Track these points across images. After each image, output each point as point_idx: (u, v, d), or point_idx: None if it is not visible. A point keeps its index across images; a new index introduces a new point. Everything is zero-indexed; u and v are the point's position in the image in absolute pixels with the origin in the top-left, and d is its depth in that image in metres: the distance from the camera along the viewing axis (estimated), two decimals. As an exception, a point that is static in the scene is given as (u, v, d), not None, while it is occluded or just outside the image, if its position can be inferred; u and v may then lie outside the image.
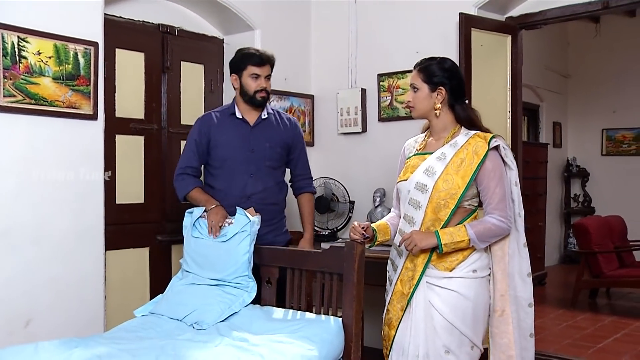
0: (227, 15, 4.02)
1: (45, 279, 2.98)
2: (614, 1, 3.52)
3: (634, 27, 7.53)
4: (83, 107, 3.12)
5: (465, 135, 2.36)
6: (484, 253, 2.34)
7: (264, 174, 3.04)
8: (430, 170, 2.32)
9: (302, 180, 3.25)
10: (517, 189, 2.37)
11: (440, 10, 3.92)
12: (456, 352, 2.26)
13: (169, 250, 3.81)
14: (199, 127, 3.06)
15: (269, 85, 3.05)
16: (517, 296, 2.35)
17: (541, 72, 7.52)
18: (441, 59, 2.42)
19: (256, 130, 3.06)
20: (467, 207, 2.34)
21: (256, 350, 2.25)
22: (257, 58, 3.00)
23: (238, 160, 3.00)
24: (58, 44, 3.01)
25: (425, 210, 2.30)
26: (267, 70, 3.03)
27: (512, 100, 3.93)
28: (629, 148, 7.98)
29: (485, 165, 2.28)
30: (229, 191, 2.99)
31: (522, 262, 2.36)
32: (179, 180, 3.05)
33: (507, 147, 2.38)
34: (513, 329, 2.34)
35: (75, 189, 3.10)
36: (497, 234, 2.29)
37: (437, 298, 2.28)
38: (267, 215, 3.01)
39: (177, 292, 2.82)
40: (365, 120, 4.30)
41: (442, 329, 2.26)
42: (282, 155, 3.13)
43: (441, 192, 2.28)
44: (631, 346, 4.36)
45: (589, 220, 6.10)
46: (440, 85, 2.37)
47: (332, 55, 4.47)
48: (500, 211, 2.28)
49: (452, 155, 2.31)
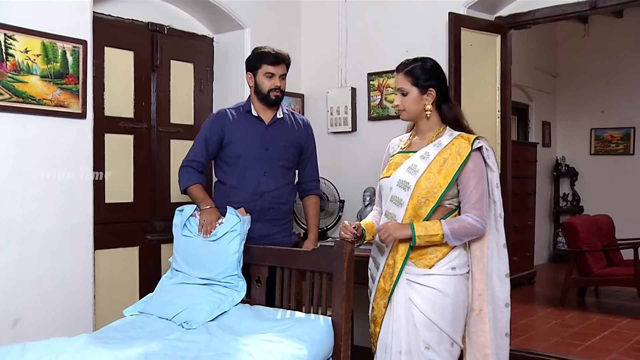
0: (217, 13, 4.01)
1: (33, 279, 2.96)
2: (602, 2, 3.54)
3: (621, 28, 7.59)
4: (72, 106, 3.10)
5: (450, 135, 2.39)
6: (462, 251, 2.37)
7: (278, 173, 3.04)
8: (413, 168, 2.35)
9: (310, 182, 3.24)
10: (498, 191, 2.40)
11: (429, 10, 3.93)
12: (436, 349, 2.29)
13: (159, 249, 3.80)
14: (212, 124, 3.05)
15: (283, 84, 3.04)
16: (494, 296, 2.38)
17: (530, 72, 7.56)
18: (424, 60, 2.43)
19: (271, 129, 3.05)
20: (448, 206, 2.36)
21: (245, 350, 2.25)
22: (272, 57, 3.00)
23: (252, 158, 3.00)
24: (46, 42, 2.99)
25: (407, 208, 2.33)
26: (282, 69, 3.02)
27: (502, 99, 3.95)
28: (616, 147, 8.04)
29: (467, 166, 2.32)
30: (243, 188, 2.98)
31: (501, 263, 2.39)
32: (182, 172, 3.04)
33: (490, 148, 2.40)
34: (489, 328, 2.37)
35: (63, 188, 3.08)
36: (471, 233, 2.32)
37: (416, 295, 2.32)
38: (278, 214, 3.04)
39: (167, 291, 2.82)
40: (355, 120, 4.30)
41: (422, 325, 2.29)
42: (295, 156, 3.13)
43: (422, 190, 2.31)
44: (618, 344, 4.40)
45: (578, 219, 6.15)
46: (430, 87, 2.39)
47: (322, 54, 4.47)
48: (477, 211, 2.31)
49: (435, 154, 2.34)
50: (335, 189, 4.17)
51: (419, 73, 2.39)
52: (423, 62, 2.42)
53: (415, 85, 2.39)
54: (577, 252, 5.58)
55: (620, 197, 7.69)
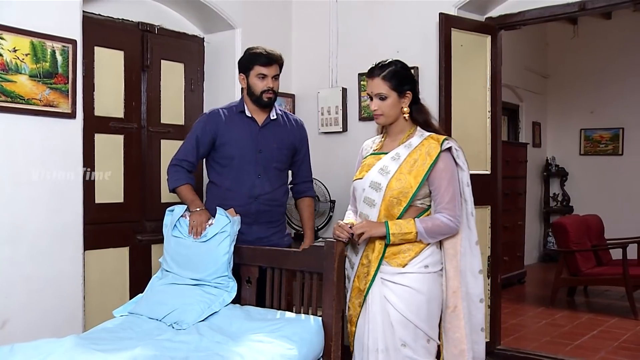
0: (208, 13, 4.00)
1: (22, 279, 2.94)
2: (590, 3, 3.57)
3: (610, 29, 7.66)
4: (61, 106, 3.09)
5: (420, 136, 2.44)
6: (435, 249, 2.41)
7: (272, 175, 3.02)
8: (384, 170, 2.40)
9: (304, 184, 3.22)
10: (469, 189, 2.45)
11: (420, 10, 3.94)
12: (412, 345, 2.33)
13: (149, 249, 3.79)
14: (204, 124, 3.01)
15: (276, 85, 3.01)
16: (468, 292, 2.43)
17: (521, 73, 7.60)
18: (396, 63, 2.46)
19: (265, 130, 3.02)
20: (420, 206, 2.42)
21: (236, 350, 2.25)
22: (265, 58, 2.96)
23: (246, 160, 2.97)
24: (35, 41, 2.97)
25: (380, 208, 2.39)
26: (274, 70, 2.99)
27: (492, 100, 3.97)
28: (606, 148, 8.09)
29: (437, 166, 2.37)
30: (237, 190, 2.96)
31: (474, 260, 2.44)
32: (172, 171, 2.99)
33: (460, 149, 2.45)
34: (465, 324, 2.41)
35: (53, 188, 3.07)
36: (445, 231, 2.37)
37: (391, 293, 2.36)
38: (274, 216, 3.03)
39: (157, 291, 2.81)
40: (345, 120, 4.31)
41: (397, 323, 2.33)
42: (289, 157, 3.11)
43: (394, 191, 2.36)
44: (607, 342, 4.43)
45: (568, 219, 6.18)
46: (407, 90, 2.44)
47: (312, 54, 4.48)
48: (449, 210, 2.36)
49: (405, 155, 2.39)
50: (326, 189, 4.18)
51: (396, 77, 2.42)
52: (396, 65, 2.45)
53: (394, 89, 2.42)
54: (566, 252, 5.61)
55: (610, 197, 7.75)
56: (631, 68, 7.60)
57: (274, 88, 3.00)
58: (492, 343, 4.00)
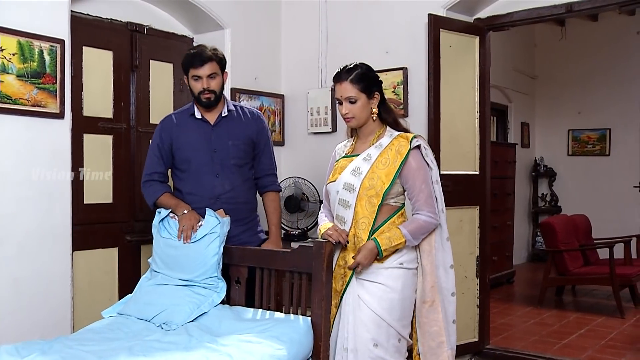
0: (197, 13, 4.00)
1: (10, 280, 2.93)
2: (577, 5, 3.60)
3: (597, 31, 7.74)
4: (49, 106, 3.07)
5: (390, 136, 2.48)
6: (411, 247, 2.45)
7: (230, 172, 2.97)
8: (357, 171, 2.44)
9: (266, 178, 3.13)
10: (438, 187, 2.49)
11: (409, 11, 3.95)
12: (384, 345, 2.36)
13: (138, 250, 3.78)
14: (160, 131, 2.99)
15: (214, 84, 2.91)
16: (441, 286, 2.48)
17: (509, 73, 7.65)
18: (361, 65, 2.49)
19: (217, 128, 2.97)
20: (393, 205, 2.46)
21: (225, 350, 2.24)
22: (196, 59, 2.88)
23: (202, 162, 2.94)
24: (22, 40, 2.96)
25: (355, 209, 2.43)
26: (208, 69, 2.88)
27: (481, 100, 4.00)
28: (593, 148, 8.16)
29: (409, 164, 2.41)
30: (198, 193, 2.93)
31: (446, 255, 2.51)
32: (146, 187, 2.97)
33: (428, 147, 2.50)
34: (442, 317, 2.47)
35: (41, 189, 3.05)
36: (427, 229, 2.43)
37: (365, 292, 2.40)
38: (239, 214, 2.97)
39: (146, 292, 2.80)
40: (335, 120, 4.32)
41: (370, 322, 2.36)
42: (248, 152, 3.04)
43: (368, 190, 2.41)
44: (594, 341, 4.47)
45: (556, 219, 6.22)
46: (375, 91, 2.48)
47: (302, 54, 4.48)
48: (428, 207, 2.41)
49: (377, 155, 2.44)
50: (315, 189, 4.18)
51: (364, 79, 2.45)
52: (361, 67, 2.48)
53: (364, 92, 2.45)
54: (555, 252, 5.65)
55: (597, 197, 7.83)
56: (618, 69, 7.68)
57: (211, 87, 2.90)
58: (480, 342, 4.02)
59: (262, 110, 4.29)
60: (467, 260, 3.91)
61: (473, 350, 4.00)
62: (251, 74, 4.23)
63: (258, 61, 4.32)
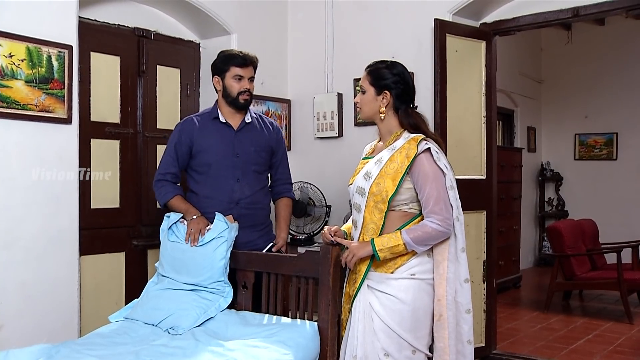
0: (203, 19, 4.01)
1: (17, 284, 2.94)
2: (583, 10, 3.60)
3: (604, 35, 7.73)
4: (57, 111, 3.09)
5: (404, 139, 2.35)
6: (425, 257, 2.32)
7: (251, 178, 3.00)
8: (368, 175, 2.36)
9: (282, 185, 3.21)
10: (453, 193, 2.31)
11: (415, 16, 3.96)
12: (395, 356, 2.26)
13: (145, 254, 3.79)
14: (179, 133, 3.01)
15: (252, 87, 3.01)
16: (453, 302, 2.31)
17: (515, 78, 7.63)
18: (391, 63, 2.43)
19: (240, 134, 3.01)
20: (409, 212, 2.33)
21: (231, 355, 2.25)
22: (241, 59, 2.96)
23: (223, 166, 2.95)
24: (31, 46, 2.97)
25: (364, 214, 2.35)
26: (250, 71, 2.99)
27: (487, 105, 3.99)
28: (600, 153, 8.13)
29: (417, 168, 2.28)
30: (216, 197, 2.94)
31: (460, 268, 2.32)
32: (158, 186, 3.00)
33: (439, 150, 2.34)
34: (449, 333, 2.29)
35: (49, 193, 3.06)
36: (435, 237, 2.27)
37: (376, 301, 2.30)
38: (257, 219, 3.01)
39: (153, 296, 2.80)
40: (341, 125, 4.32)
41: (381, 332, 2.27)
42: (267, 160, 3.10)
43: (376, 196, 2.31)
44: (602, 347, 4.44)
45: (562, 223, 6.20)
46: (385, 89, 2.38)
47: (308, 59, 4.49)
48: (436, 214, 2.25)
49: (387, 158, 2.33)
50: (322, 194, 4.19)
51: (379, 74, 2.39)
52: (390, 65, 2.42)
53: (373, 85, 2.40)
54: (561, 256, 5.63)
55: (604, 201, 7.79)
56: (625, 73, 7.66)
57: (250, 90, 2.99)
58: (487, 347, 4.01)
59: (268, 115, 4.29)
60: (473, 265, 3.90)
61: (480, 355, 3.99)
62: (257, 78, 4.18)
63: (264, 66, 4.29)
